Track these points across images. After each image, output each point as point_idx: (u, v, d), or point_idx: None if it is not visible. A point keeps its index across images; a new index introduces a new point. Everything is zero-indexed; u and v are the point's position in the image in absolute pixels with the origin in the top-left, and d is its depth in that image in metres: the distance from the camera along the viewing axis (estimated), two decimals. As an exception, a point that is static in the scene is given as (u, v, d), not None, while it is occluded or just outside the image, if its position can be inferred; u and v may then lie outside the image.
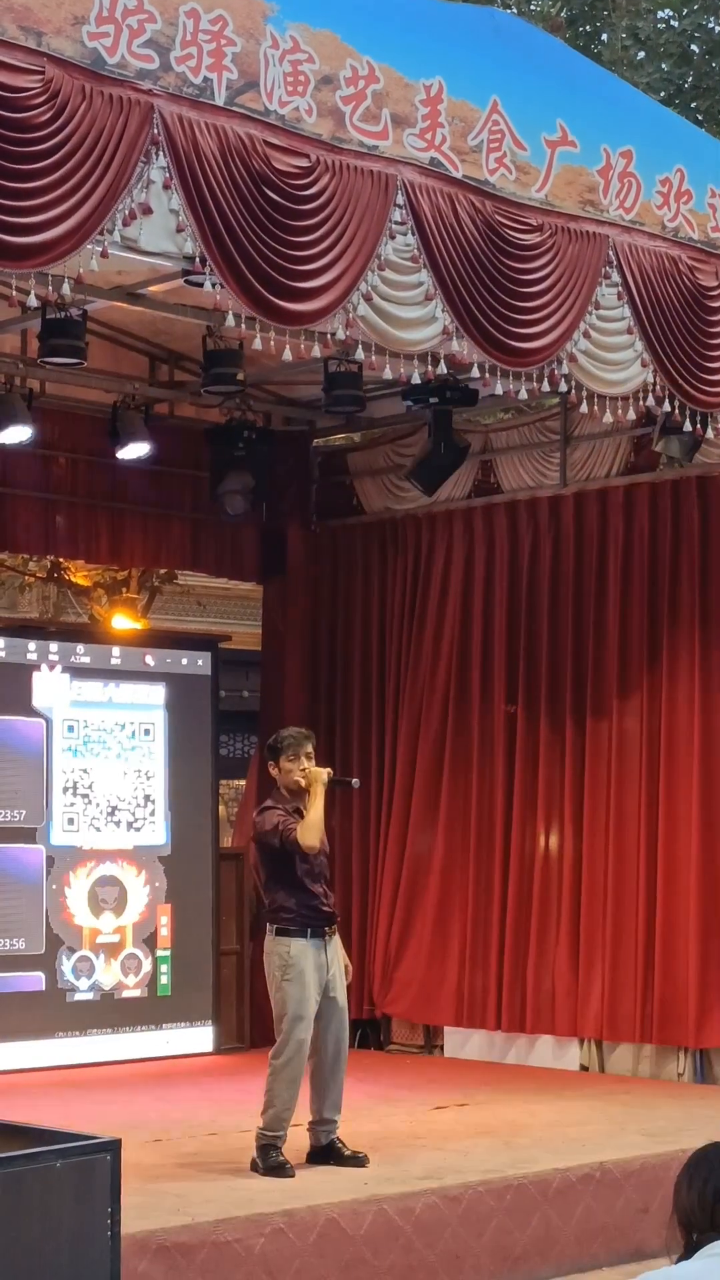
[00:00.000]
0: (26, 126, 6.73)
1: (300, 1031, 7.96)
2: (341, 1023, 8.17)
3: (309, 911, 8.11)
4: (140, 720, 11.89)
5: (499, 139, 8.37)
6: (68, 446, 11.62)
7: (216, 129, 7.30)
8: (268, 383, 11.84)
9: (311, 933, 8.08)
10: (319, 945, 8.08)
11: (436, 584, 12.22)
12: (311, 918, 8.11)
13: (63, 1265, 5.16)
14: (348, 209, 7.75)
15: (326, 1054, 8.10)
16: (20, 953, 11.13)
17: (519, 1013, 11.42)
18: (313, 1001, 7.99)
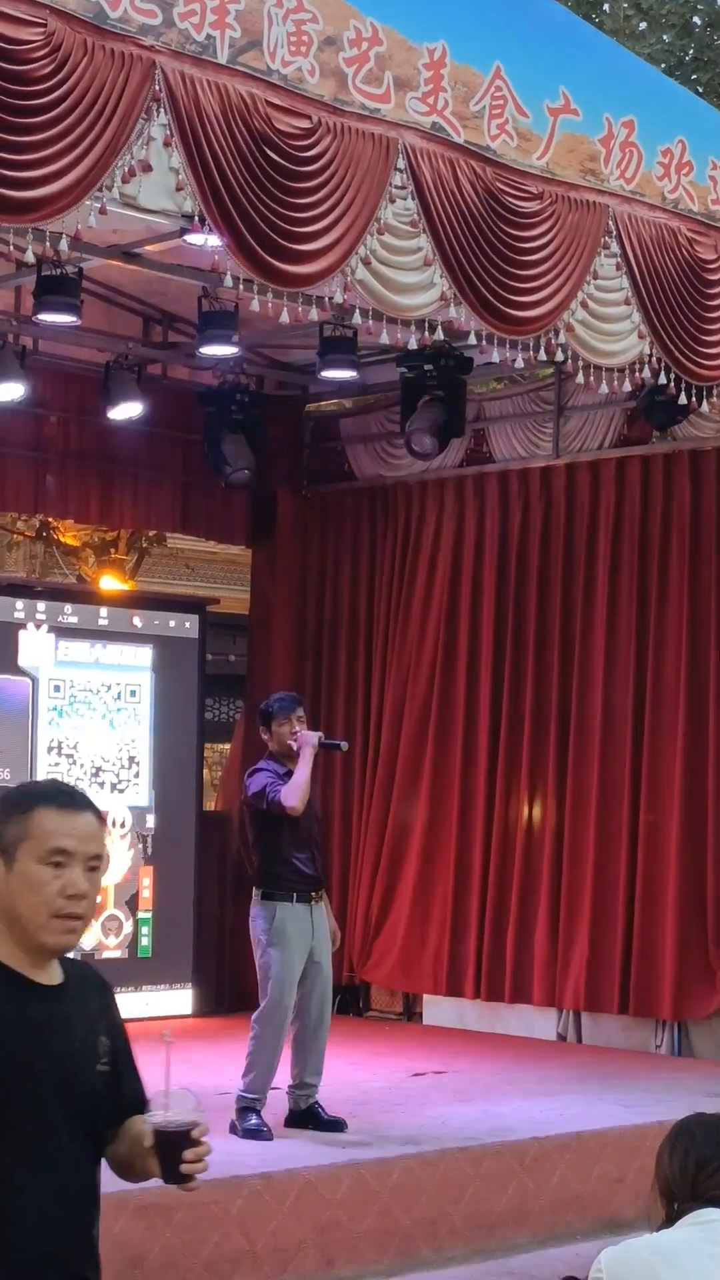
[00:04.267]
0: (27, 79, 6.67)
1: (284, 996, 7.97)
2: (325, 987, 8.17)
3: (295, 876, 8.11)
4: (126, 682, 11.87)
5: (501, 105, 8.32)
6: (59, 405, 11.57)
7: (218, 87, 7.24)
8: (262, 346, 11.80)
9: (298, 897, 8.09)
10: (305, 909, 8.08)
11: (426, 552, 12.20)
12: (297, 882, 8.11)
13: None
14: (348, 172, 7.70)
15: (309, 1018, 8.11)
16: (1, 911, 11.09)
17: (498, 982, 11.43)
18: (297, 965, 7.99)
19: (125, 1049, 3.37)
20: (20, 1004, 3.15)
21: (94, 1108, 3.22)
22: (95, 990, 3.36)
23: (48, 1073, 3.13)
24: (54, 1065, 3.15)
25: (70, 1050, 3.19)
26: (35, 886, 3.14)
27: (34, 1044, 3.13)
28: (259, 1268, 6.98)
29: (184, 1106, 3.19)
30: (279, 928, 8.02)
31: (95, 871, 3.20)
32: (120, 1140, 3.29)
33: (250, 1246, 6.95)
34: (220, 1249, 6.86)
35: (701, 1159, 3.66)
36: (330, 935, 8.27)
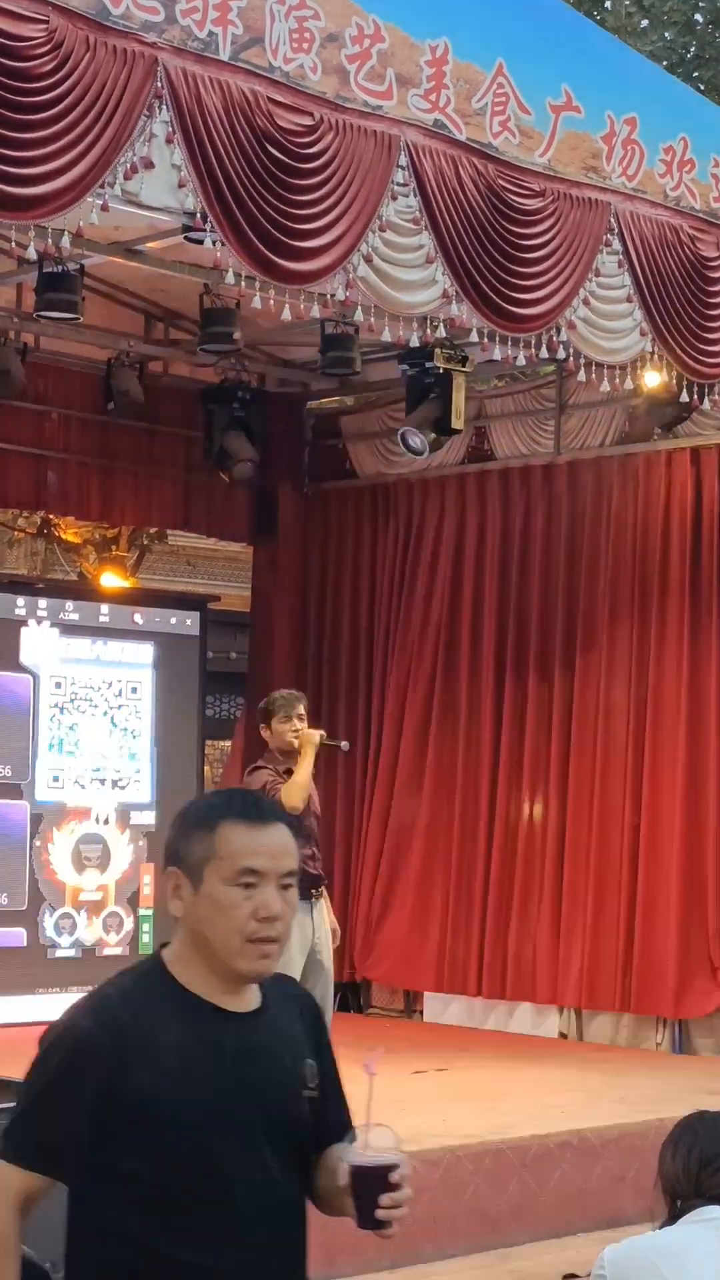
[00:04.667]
0: (30, 76, 6.68)
1: (283, 994, 7.95)
2: (326, 985, 8.17)
3: (294, 874, 8.11)
4: (128, 679, 11.86)
5: (503, 102, 8.33)
6: (61, 402, 11.56)
7: (220, 84, 7.25)
8: (263, 343, 11.79)
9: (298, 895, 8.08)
10: (305, 907, 8.07)
11: (428, 549, 12.19)
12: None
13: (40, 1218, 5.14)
14: (350, 169, 7.71)
15: (309, 1016, 8.10)
16: (2, 908, 11.11)
17: (499, 979, 11.43)
18: (298, 963, 7.99)
19: (333, 1070, 3.12)
20: (213, 1036, 2.90)
21: (303, 1141, 2.99)
22: (299, 1008, 3.11)
23: (248, 1110, 2.89)
24: (254, 1100, 2.90)
25: (273, 1081, 2.94)
26: (225, 910, 2.89)
27: (231, 1080, 2.89)
28: (260, 1265, 6.97)
29: (383, 1144, 2.93)
30: (279, 925, 8.01)
31: (289, 889, 2.96)
32: (321, 1170, 3.03)
33: (251, 1244, 6.94)
34: (221, 1246, 6.85)
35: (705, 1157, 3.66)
36: (330, 932, 8.26)
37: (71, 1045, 2.88)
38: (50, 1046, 2.93)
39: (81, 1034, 2.88)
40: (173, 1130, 2.82)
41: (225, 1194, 2.84)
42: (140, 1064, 2.83)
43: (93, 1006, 2.93)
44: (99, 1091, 2.82)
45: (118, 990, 2.95)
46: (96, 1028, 2.87)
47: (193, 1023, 2.89)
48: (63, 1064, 2.87)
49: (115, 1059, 2.83)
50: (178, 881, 2.94)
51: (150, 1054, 2.84)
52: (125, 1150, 2.82)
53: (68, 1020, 2.94)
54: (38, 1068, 2.93)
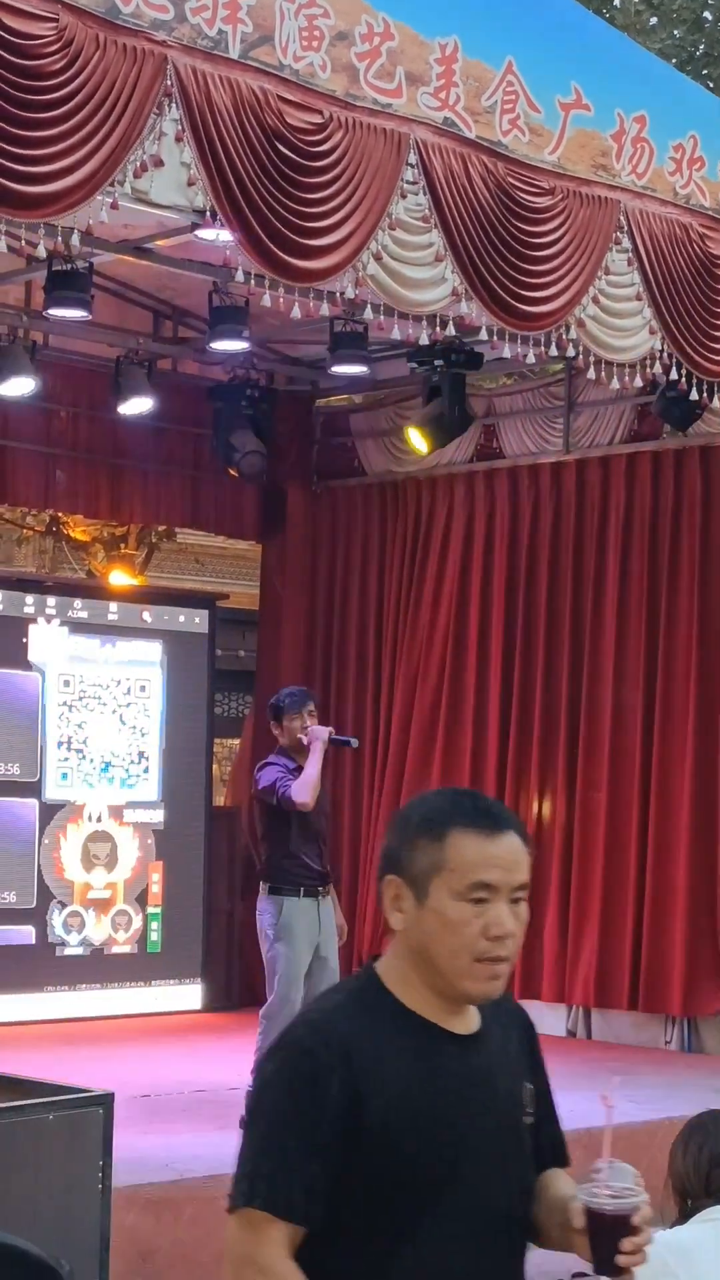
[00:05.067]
0: (39, 75, 6.68)
1: (291, 990, 7.96)
2: (331, 982, 8.16)
3: (302, 870, 8.11)
4: (136, 676, 11.86)
5: (513, 100, 8.32)
6: (69, 400, 11.57)
7: (230, 82, 7.24)
8: (272, 341, 11.78)
9: (304, 892, 8.08)
10: (311, 904, 8.08)
11: (436, 547, 12.19)
12: (304, 877, 8.11)
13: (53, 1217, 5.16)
14: (360, 167, 7.70)
15: (315, 1014, 8.09)
16: (11, 906, 11.12)
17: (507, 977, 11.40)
18: (304, 960, 7.99)
19: (547, 1092, 2.94)
20: (435, 1059, 2.69)
21: (525, 1168, 2.80)
22: (517, 1028, 2.90)
23: (476, 1138, 2.69)
24: (482, 1128, 2.70)
25: (494, 1106, 2.74)
26: (453, 927, 2.67)
27: (459, 1106, 2.68)
28: (269, 1263, 6.96)
29: (623, 1183, 2.69)
30: (286, 922, 8.01)
31: (520, 903, 2.72)
32: (541, 1201, 2.82)
33: (260, 1241, 6.94)
34: (230, 1244, 6.85)
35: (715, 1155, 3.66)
36: (337, 930, 8.26)
37: (299, 1072, 2.64)
38: (275, 1074, 2.68)
39: (309, 1059, 2.63)
40: (404, 1160, 2.62)
41: (456, 1226, 2.66)
42: (370, 1089, 2.61)
43: (316, 1028, 2.70)
44: (333, 1118, 2.60)
45: (340, 1009, 2.73)
46: (323, 1050, 2.63)
47: (418, 1045, 2.69)
48: (291, 1093, 2.63)
49: (346, 1085, 2.61)
50: (398, 891, 2.73)
51: (378, 1078, 2.63)
52: (356, 1185, 2.61)
53: (291, 1044, 2.69)
54: (267, 1099, 2.68)
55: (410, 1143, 2.61)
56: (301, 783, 8.02)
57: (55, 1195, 5.19)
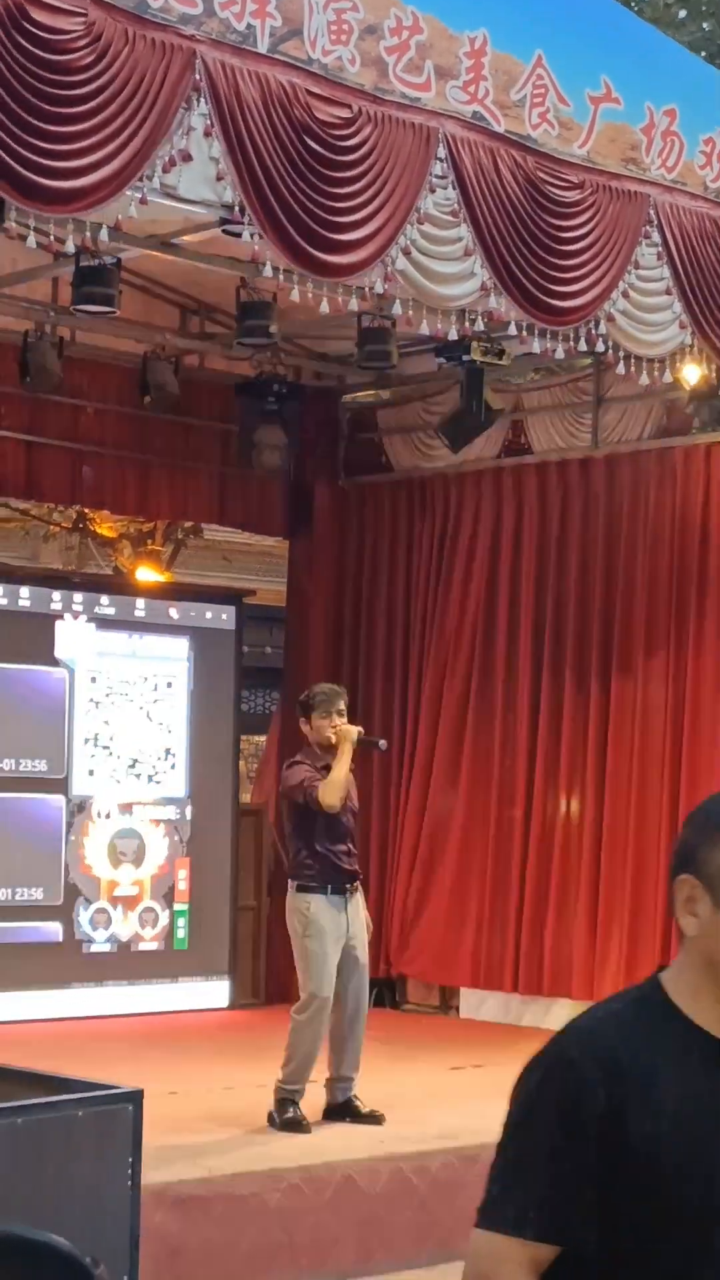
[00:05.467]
0: (68, 69, 6.67)
1: (321, 988, 7.94)
2: (361, 980, 8.15)
3: (330, 869, 8.09)
4: (163, 673, 11.85)
5: (542, 94, 8.29)
6: (96, 396, 11.55)
7: (258, 77, 7.23)
8: (299, 337, 11.75)
9: (332, 889, 8.06)
10: (340, 902, 8.06)
11: (464, 544, 12.15)
12: (332, 875, 8.08)
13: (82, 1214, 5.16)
14: (389, 161, 7.68)
15: (346, 1011, 8.09)
16: (38, 903, 11.12)
17: (536, 976, 11.39)
18: (333, 958, 7.97)
19: None
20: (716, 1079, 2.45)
21: None
22: None
23: None
24: None
25: None
26: None
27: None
28: (297, 1261, 6.96)
29: None
30: (314, 920, 7.99)
31: None
32: None
33: (289, 1239, 6.93)
34: (258, 1242, 6.85)
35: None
36: (365, 927, 8.24)
37: (564, 1085, 2.43)
38: (538, 1087, 2.47)
39: (574, 1071, 2.43)
40: (674, 1187, 2.39)
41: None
42: (639, 1108, 2.39)
43: (584, 1038, 2.48)
44: (597, 1138, 2.39)
45: (613, 1019, 2.50)
46: (589, 1063, 2.42)
47: (700, 1064, 2.44)
48: (556, 1107, 2.42)
49: (611, 1101, 2.39)
50: (691, 892, 2.52)
51: (650, 1097, 2.40)
52: (617, 1210, 2.40)
53: (555, 1054, 2.48)
54: (525, 1113, 2.48)
55: (680, 1171, 2.38)
56: (329, 784, 7.99)
57: (84, 1192, 5.18)
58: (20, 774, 11.11)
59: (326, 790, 7.98)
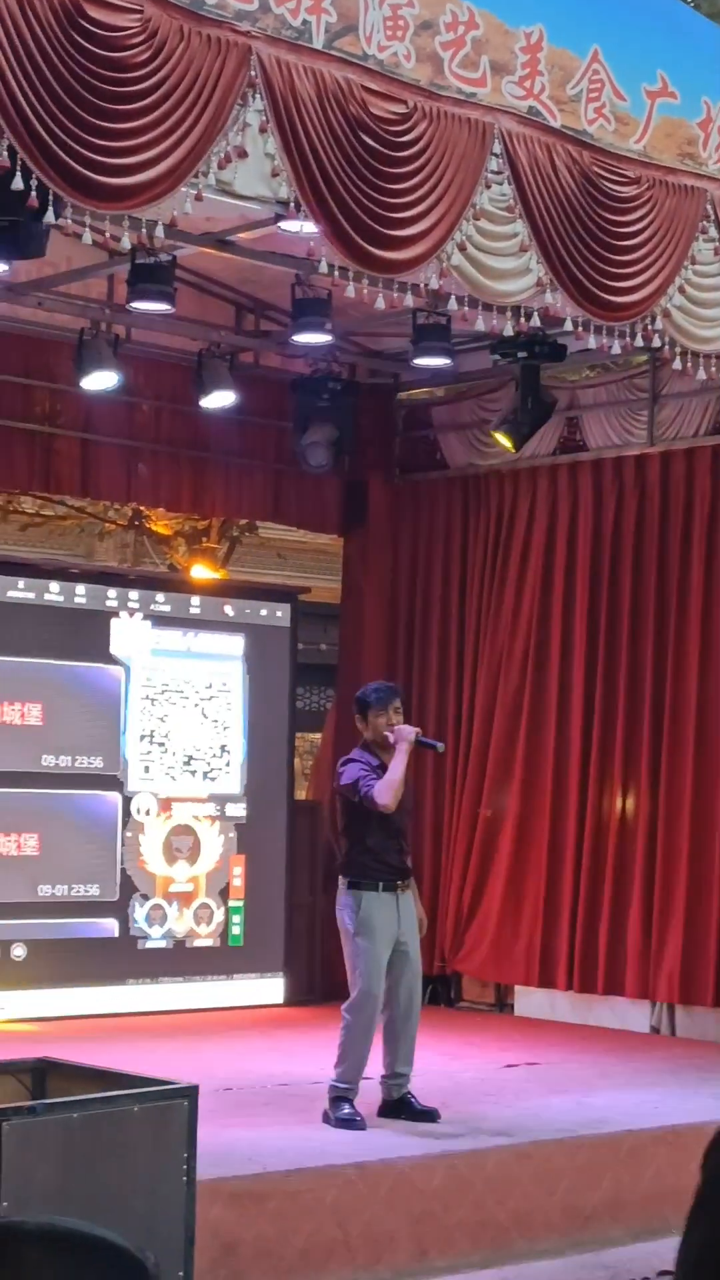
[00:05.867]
0: (124, 66, 6.68)
1: (372, 985, 7.93)
2: (414, 977, 8.13)
3: (381, 865, 8.07)
4: (218, 670, 11.87)
5: (599, 89, 8.25)
6: (152, 394, 11.58)
7: (314, 73, 7.22)
8: (354, 334, 11.75)
9: (383, 886, 8.04)
10: (390, 899, 8.04)
11: (519, 541, 12.12)
12: (384, 871, 8.06)
13: (138, 1208, 5.17)
14: (444, 157, 7.66)
15: (398, 1008, 8.07)
16: (94, 899, 11.16)
17: (591, 973, 11.35)
18: (384, 954, 7.95)
19: None
20: None
21: None
22: None
23: None
24: None
25: None
26: None
27: None
28: (352, 1258, 6.95)
29: None
30: (365, 917, 7.98)
31: None
32: None
33: (344, 1236, 6.93)
34: (314, 1238, 6.84)
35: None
36: (418, 923, 8.22)
37: None
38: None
39: None
40: None
41: None
42: None
43: None
44: None
45: None
46: None
47: None
48: None
49: None
50: None
51: None
52: None
53: None
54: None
55: None
56: (384, 784, 7.97)
57: (140, 1187, 5.19)
58: (76, 770, 11.15)
59: (383, 791, 7.95)
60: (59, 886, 11.01)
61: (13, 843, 10.88)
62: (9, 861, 10.83)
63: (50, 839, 11.00)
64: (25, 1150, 4.88)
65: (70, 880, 11.07)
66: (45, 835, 10.98)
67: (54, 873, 11.00)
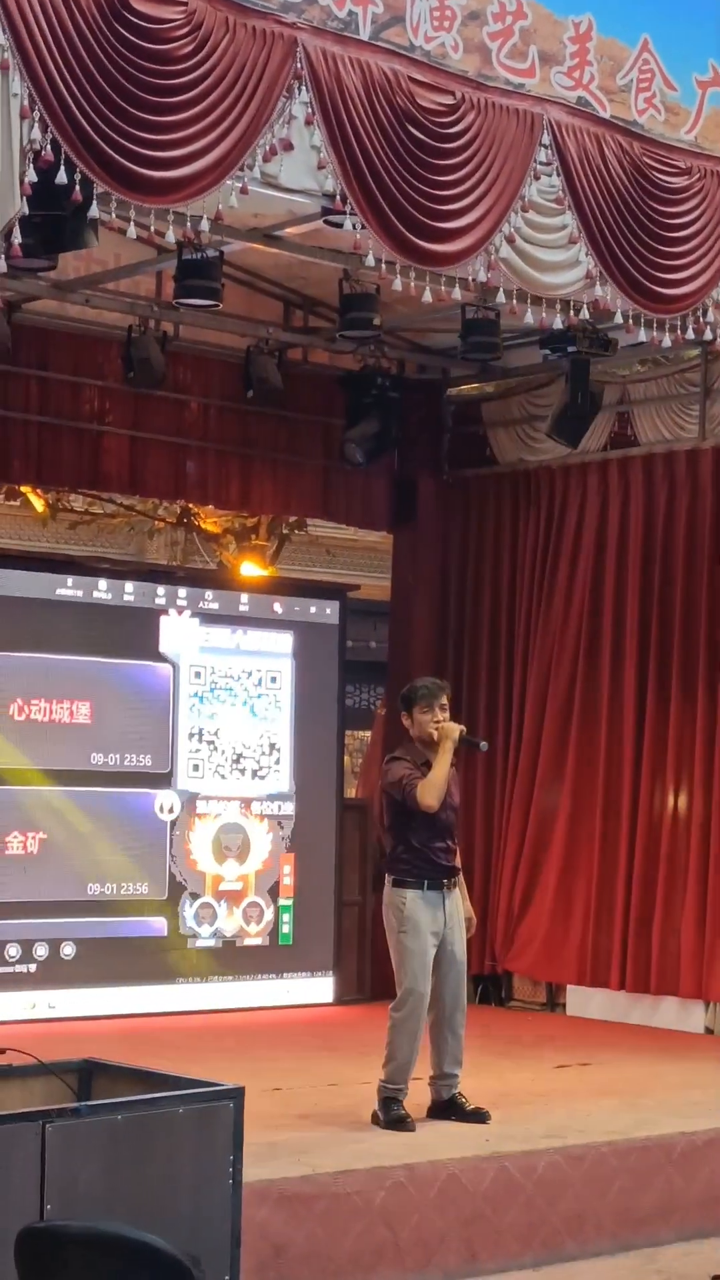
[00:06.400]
0: (169, 59, 6.64)
1: (418, 984, 7.87)
2: (459, 976, 8.06)
3: (426, 864, 8.00)
4: (267, 668, 11.83)
5: (649, 79, 8.18)
6: (200, 391, 11.54)
7: (360, 64, 7.18)
8: (402, 330, 11.68)
9: (428, 885, 7.97)
10: (436, 898, 7.96)
11: (569, 537, 12.03)
12: (429, 870, 7.99)
13: (184, 1211, 5.12)
14: (492, 148, 7.60)
15: (444, 1008, 8.01)
16: (143, 897, 11.13)
17: (643, 973, 11.26)
18: (429, 953, 7.89)
19: None
20: None
21: None
22: None
23: None
24: None
25: None
26: None
27: None
28: (402, 1260, 6.89)
29: None
30: (410, 915, 7.92)
31: None
32: None
33: (394, 1238, 6.86)
34: (363, 1240, 6.78)
35: None
36: (467, 921, 8.15)
37: None
38: None
39: None
40: None
41: None
42: None
43: None
44: None
45: None
46: None
47: None
48: None
49: None
50: None
51: None
52: None
53: None
54: None
55: None
56: (427, 784, 7.89)
57: (186, 1190, 5.14)
58: (125, 769, 11.13)
59: (425, 790, 7.88)
60: (108, 885, 10.99)
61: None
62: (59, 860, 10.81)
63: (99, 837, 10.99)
64: (70, 1152, 4.84)
65: (119, 879, 11.05)
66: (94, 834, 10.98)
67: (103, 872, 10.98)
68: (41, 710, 10.83)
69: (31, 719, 10.80)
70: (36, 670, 10.82)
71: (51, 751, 10.83)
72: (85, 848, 10.94)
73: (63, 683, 10.92)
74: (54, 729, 10.86)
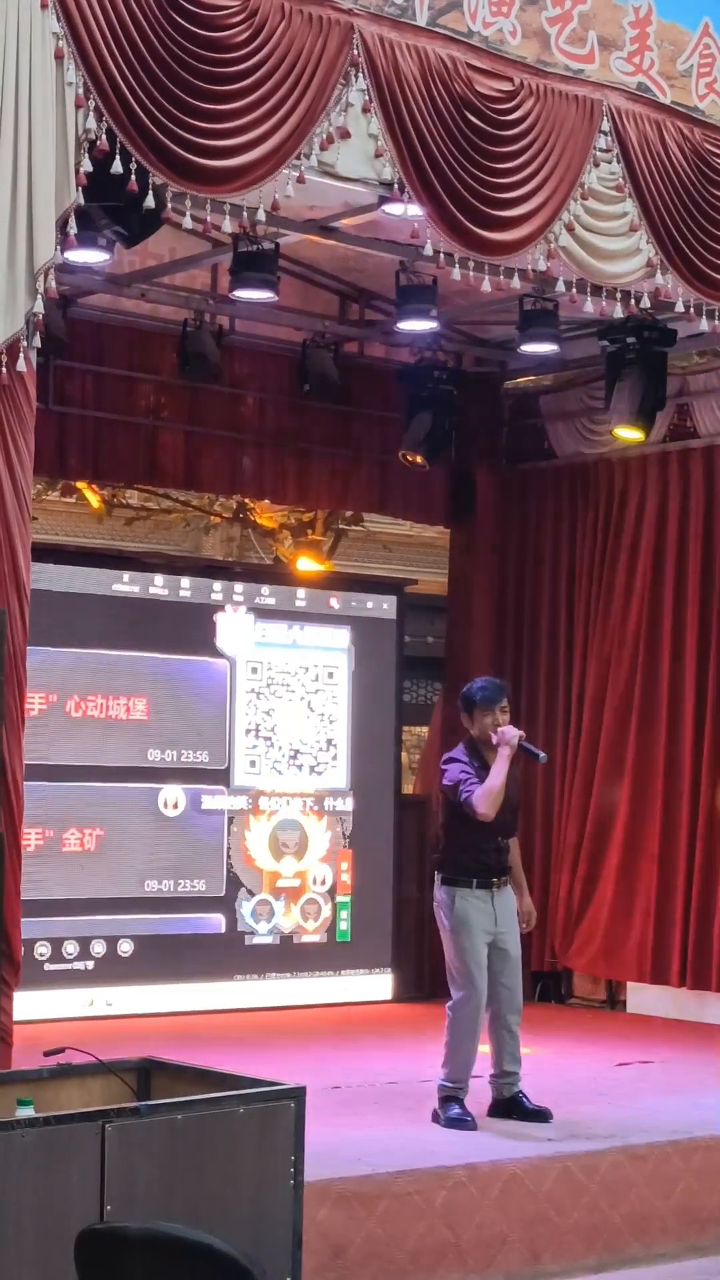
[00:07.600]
0: (225, 46, 6.59)
1: (473, 982, 7.79)
2: (514, 973, 7.97)
3: (476, 863, 7.91)
4: (324, 663, 11.77)
5: (709, 63, 8.09)
6: (256, 385, 11.48)
7: (417, 50, 7.11)
8: (460, 322, 11.59)
9: (478, 883, 7.89)
10: (485, 895, 7.88)
11: (629, 530, 11.92)
12: (477, 869, 7.90)
13: (245, 1211, 5.06)
14: (551, 135, 7.52)
15: (500, 1005, 7.92)
16: (200, 894, 11.09)
17: (705, 970, 11.14)
18: (481, 951, 7.80)
19: None
20: None
21: None
22: None
23: None
24: None
25: None
26: None
27: None
28: (464, 1261, 6.81)
29: None
30: (460, 914, 7.84)
31: None
32: None
33: (455, 1239, 6.79)
34: (424, 1241, 6.71)
35: None
36: (525, 915, 8.06)
37: None
38: None
39: None
40: None
41: None
42: None
43: None
44: None
45: None
46: None
47: None
48: None
49: None
50: None
51: None
52: None
53: None
54: None
55: None
56: (483, 792, 7.79)
57: (247, 1190, 5.08)
58: (182, 765, 11.09)
59: (482, 799, 7.78)
60: (165, 882, 10.95)
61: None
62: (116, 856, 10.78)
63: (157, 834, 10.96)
64: (129, 1152, 4.79)
65: (176, 876, 11.01)
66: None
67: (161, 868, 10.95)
68: (98, 706, 10.80)
69: (89, 715, 10.77)
70: (93, 666, 10.79)
71: (108, 748, 10.80)
72: (143, 844, 10.90)
73: (119, 678, 10.89)
74: (111, 725, 10.83)
